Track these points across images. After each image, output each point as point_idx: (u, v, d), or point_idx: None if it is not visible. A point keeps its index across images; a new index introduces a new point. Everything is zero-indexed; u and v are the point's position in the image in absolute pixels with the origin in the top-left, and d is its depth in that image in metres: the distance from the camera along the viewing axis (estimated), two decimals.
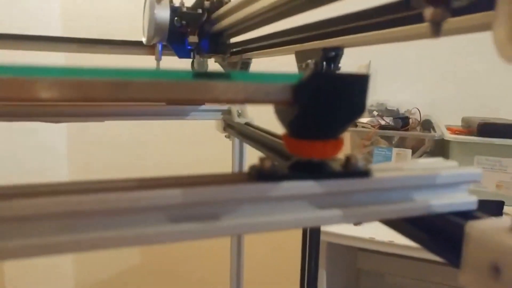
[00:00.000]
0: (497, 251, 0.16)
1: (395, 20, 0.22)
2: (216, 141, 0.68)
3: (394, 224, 0.22)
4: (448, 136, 0.84)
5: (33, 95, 0.13)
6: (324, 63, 0.37)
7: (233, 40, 0.52)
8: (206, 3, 0.49)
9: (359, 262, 1.10)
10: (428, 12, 0.15)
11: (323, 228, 0.68)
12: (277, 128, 0.22)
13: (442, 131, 0.87)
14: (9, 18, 1.16)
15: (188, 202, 0.16)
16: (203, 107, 0.57)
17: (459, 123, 1.01)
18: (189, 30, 0.49)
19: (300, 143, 0.17)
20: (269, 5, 0.33)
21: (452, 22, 0.15)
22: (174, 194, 0.16)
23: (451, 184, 0.20)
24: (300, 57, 0.41)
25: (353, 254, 1.08)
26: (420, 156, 0.89)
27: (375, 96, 1.08)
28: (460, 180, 0.20)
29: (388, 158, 0.86)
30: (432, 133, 0.88)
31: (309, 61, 0.38)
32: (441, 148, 0.87)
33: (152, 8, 0.47)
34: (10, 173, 1.25)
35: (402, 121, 0.92)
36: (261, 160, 0.17)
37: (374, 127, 0.87)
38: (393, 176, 0.18)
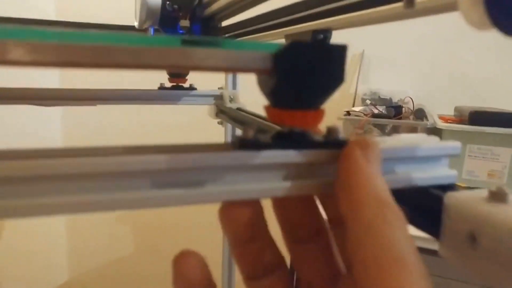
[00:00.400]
0: (473, 220, 0.17)
1: (376, 1, 0.22)
2: (210, 127, 0.69)
3: None
4: (440, 124, 0.85)
5: (14, 58, 0.13)
6: None
7: (225, 23, 0.52)
8: None
9: None
10: None
11: None
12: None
13: (434, 120, 0.88)
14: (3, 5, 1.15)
15: (172, 168, 0.16)
16: (195, 92, 0.57)
17: (452, 112, 1.02)
18: (180, 14, 0.49)
19: (280, 112, 0.17)
20: None
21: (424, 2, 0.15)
22: (158, 160, 0.16)
23: (432, 158, 0.20)
24: (290, 38, 0.41)
25: None
26: None
27: (368, 85, 1.09)
28: (441, 153, 0.20)
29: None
30: (425, 121, 0.88)
31: None
32: None
33: None
34: None
35: (395, 110, 0.92)
36: (245, 129, 0.17)
37: (366, 116, 0.87)
38: None
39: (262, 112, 0.19)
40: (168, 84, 0.57)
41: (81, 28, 0.57)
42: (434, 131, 0.86)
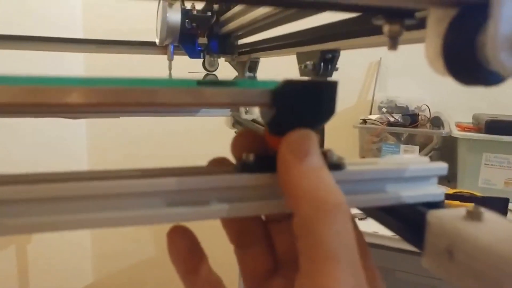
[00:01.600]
0: (451, 236, 0.18)
1: (371, 31, 0.24)
2: (226, 137, 0.71)
3: (371, 212, 0.24)
4: (456, 133, 0.85)
5: (57, 101, 0.16)
6: (322, 64, 0.39)
7: (241, 41, 0.55)
8: (215, 7, 0.52)
9: None
10: (386, 28, 0.17)
11: None
12: None
13: (450, 128, 0.88)
14: (30, 22, 1.21)
15: (182, 189, 0.19)
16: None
17: (470, 120, 1.01)
18: (199, 32, 0.52)
19: (276, 139, 0.19)
20: (269, 11, 0.36)
21: (405, 34, 0.17)
22: (170, 182, 0.18)
23: (421, 178, 0.22)
24: (301, 58, 0.43)
25: None
26: (428, 152, 0.90)
27: (385, 93, 1.10)
28: (428, 173, 0.22)
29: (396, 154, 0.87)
30: (440, 130, 0.89)
31: (308, 62, 0.40)
32: (449, 145, 0.88)
33: (164, 12, 0.50)
34: (31, 168, 1.31)
35: (411, 118, 0.93)
36: (246, 154, 0.20)
37: (382, 124, 0.88)
38: (363, 169, 0.21)
39: None
40: None
41: (105, 46, 0.61)
42: (450, 139, 0.86)
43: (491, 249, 0.17)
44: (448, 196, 0.70)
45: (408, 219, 0.22)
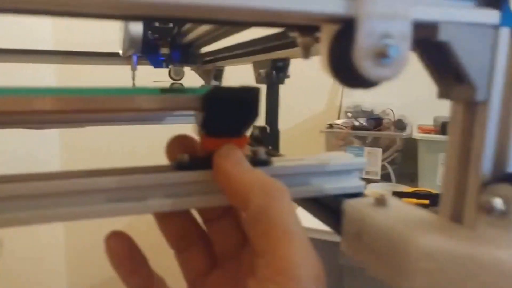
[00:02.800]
0: (359, 221, 0.21)
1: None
2: None
3: (300, 203, 0.27)
4: (416, 135, 0.89)
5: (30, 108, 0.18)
6: (274, 72, 0.42)
7: (203, 50, 0.58)
8: None
9: (341, 258, 1.14)
10: (299, 40, 0.20)
11: None
12: None
13: (411, 130, 0.92)
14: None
15: (122, 186, 0.21)
16: (177, 112, 0.62)
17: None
18: (161, 42, 0.54)
19: (208, 140, 0.22)
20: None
21: (317, 46, 0.20)
22: (111, 181, 0.21)
23: (343, 172, 0.25)
24: (256, 66, 0.46)
25: (333, 250, 1.12)
26: (392, 154, 0.94)
27: (352, 98, 1.14)
28: (348, 168, 0.25)
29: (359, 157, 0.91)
30: (401, 132, 0.93)
31: (261, 70, 0.43)
32: (411, 147, 0.92)
33: (126, 23, 0.52)
34: None
35: (375, 122, 0.97)
36: (179, 155, 0.22)
37: (347, 128, 0.92)
38: (289, 165, 0.23)
39: None
40: None
41: (71, 57, 0.62)
42: (411, 141, 0.91)
43: (388, 229, 0.19)
44: (407, 194, 0.74)
45: (330, 209, 0.24)
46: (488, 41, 0.16)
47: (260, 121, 0.47)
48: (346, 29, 0.15)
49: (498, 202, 0.17)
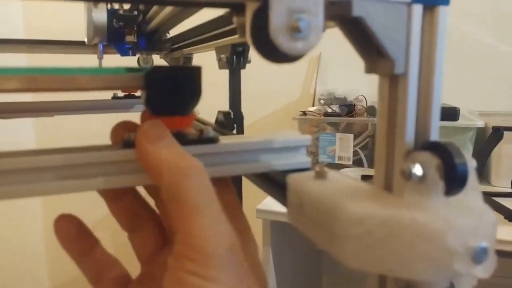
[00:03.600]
0: (300, 193, 0.22)
1: None
2: None
3: (251, 179, 0.28)
4: None
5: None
6: (235, 57, 0.43)
7: (168, 36, 0.58)
8: (141, 6, 0.54)
9: None
10: (234, 19, 0.20)
11: (268, 207, 0.75)
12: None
13: None
14: None
15: (68, 164, 0.21)
16: None
17: None
18: (126, 30, 0.54)
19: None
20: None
21: None
22: (58, 158, 0.21)
23: (290, 149, 0.26)
24: (218, 52, 0.47)
25: None
26: (364, 139, 0.96)
27: (325, 86, 1.15)
28: (294, 144, 0.26)
29: (332, 143, 0.92)
30: (373, 118, 0.95)
31: (222, 55, 0.44)
32: None
33: (89, 11, 0.52)
34: None
35: (348, 108, 0.99)
36: (127, 133, 0.23)
37: (319, 115, 0.94)
38: (235, 142, 0.24)
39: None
40: (121, 94, 0.62)
41: (37, 45, 0.62)
42: None
43: (324, 199, 0.21)
44: (367, 177, 0.76)
45: (278, 183, 0.25)
46: (402, 17, 0.17)
47: (225, 106, 0.48)
48: (263, 6, 0.16)
49: (417, 168, 0.18)
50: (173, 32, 0.53)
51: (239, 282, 0.18)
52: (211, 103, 0.49)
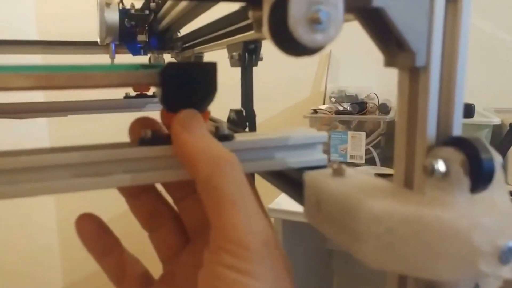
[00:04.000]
0: (318, 191, 0.22)
1: None
2: None
3: (265, 176, 0.27)
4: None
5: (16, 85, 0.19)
6: (247, 54, 0.43)
7: (179, 35, 0.58)
8: (152, 5, 0.54)
9: (328, 242, 1.16)
10: (250, 13, 0.20)
11: (280, 206, 0.74)
12: None
13: (395, 113, 0.93)
14: None
15: (86, 161, 0.21)
16: (157, 99, 0.62)
17: None
18: (138, 29, 0.54)
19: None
20: (188, 4, 0.38)
21: None
22: (75, 156, 0.21)
23: (306, 146, 0.26)
24: (230, 50, 0.46)
25: (321, 234, 1.14)
26: (376, 137, 0.95)
27: (336, 84, 1.14)
28: (312, 141, 0.26)
29: (344, 142, 0.92)
30: (385, 116, 0.94)
31: (234, 53, 0.43)
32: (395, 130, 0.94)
33: (102, 11, 0.52)
34: None
35: (359, 106, 0.98)
36: (144, 130, 0.22)
37: (330, 113, 0.93)
38: (251, 139, 0.24)
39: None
40: (133, 94, 0.62)
41: (50, 47, 0.62)
42: (394, 124, 0.92)
43: (343, 196, 0.20)
44: (390, 176, 0.75)
45: (293, 181, 0.25)
46: (424, 7, 0.16)
47: (236, 104, 0.47)
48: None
49: (440, 164, 0.18)
50: (184, 31, 0.53)
51: (275, 277, 0.18)
52: (222, 101, 0.49)
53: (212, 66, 0.22)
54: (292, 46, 0.16)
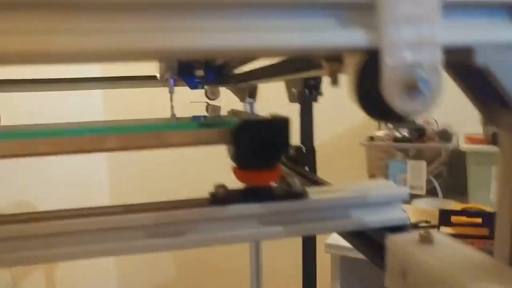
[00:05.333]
0: (404, 260, 0.20)
1: None
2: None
3: (344, 236, 0.25)
4: (463, 146, 0.84)
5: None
6: (306, 90, 0.41)
7: (236, 71, 0.58)
8: None
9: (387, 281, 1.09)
10: (326, 67, 0.19)
11: (337, 242, 0.71)
12: None
13: (458, 141, 0.88)
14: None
15: (159, 223, 0.21)
16: None
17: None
18: (195, 65, 0.55)
19: (243, 173, 0.21)
20: None
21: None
22: (148, 217, 0.21)
23: (384, 203, 0.24)
24: (289, 85, 0.45)
25: (378, 271, 1.08)
26: (437, 167, 0.90)
27: None
28: (391, 199, 0.24)
29: (403, 171, 0.87)
30: (446, 143, 0.88)
31: (293, 89, 0.42)
32: (458, 159, 0.88)
33: None
34: (53, 204, 1.36)
35: (418, 132, 0.93)
36: (216, 187, 0.22)
37: (388, 140, 0.89)
38: (326, 198, 0.23)
39: None
40: None
41: (116, 81, 0.65)
42: (458, 152, 0.86)
43: (438, 272, 0.18)
44: (456, 212, 0.70)
45: (373, 242, 0.23)
46: None
47: (295, 140, 0.46)
48: (371, 60, 0.14)
49: None
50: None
51: None
52: None
53: (285, 122, 0.21)
54: (383, 112, 0.15)
